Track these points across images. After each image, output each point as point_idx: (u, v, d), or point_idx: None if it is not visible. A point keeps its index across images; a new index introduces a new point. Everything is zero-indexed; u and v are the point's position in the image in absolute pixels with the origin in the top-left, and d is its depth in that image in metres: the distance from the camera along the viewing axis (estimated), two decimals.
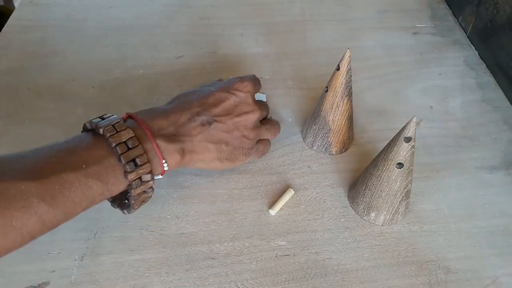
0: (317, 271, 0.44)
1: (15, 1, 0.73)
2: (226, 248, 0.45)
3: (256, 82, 0.50)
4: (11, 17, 0.68)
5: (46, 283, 0.42)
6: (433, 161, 0.53)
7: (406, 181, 0.43)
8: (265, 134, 0.50)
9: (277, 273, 0.43)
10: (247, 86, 0.48)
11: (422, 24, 0.71)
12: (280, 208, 0.48)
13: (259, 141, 0.50)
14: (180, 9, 0.72)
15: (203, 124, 0.44)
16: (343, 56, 0.46)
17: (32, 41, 0.65)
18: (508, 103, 0.60)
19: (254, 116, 0.47)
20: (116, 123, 0.38)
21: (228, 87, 0.47)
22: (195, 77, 0.61)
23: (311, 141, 0.53)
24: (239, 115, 0.46)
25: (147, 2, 0.73)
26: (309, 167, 0.52)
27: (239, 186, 0.50)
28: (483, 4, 0.65)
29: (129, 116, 0.42)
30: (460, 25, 0.71)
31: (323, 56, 0.65)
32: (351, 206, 0.49)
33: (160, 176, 0.42)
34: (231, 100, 0.46)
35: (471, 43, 0.68)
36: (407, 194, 0.45)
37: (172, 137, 0.42)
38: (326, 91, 0.49)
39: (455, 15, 0.73)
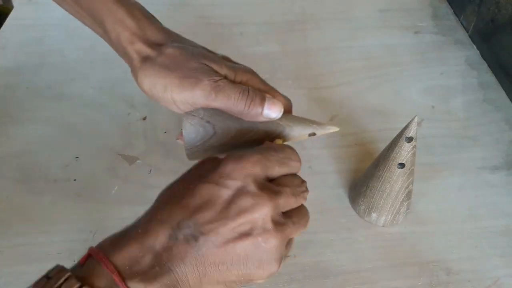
0: (318, 272, 0.43)
1: (14, 0, 0.72)
2: None
3: (268, 153, 0.34)
4: (10, 16, 0.68)
5: None
6: (434, 161, 0.53)
7: (408, 182, 0.43)
8: (291, 231, 0.33)
9: (278, 274, 0.43)
10: (246, 167, 0.32)
11: (423, 24, 0.71)
12: None
13: (291, 214, 0.34)
14: (180, 7, 0.72)
15: (187, 241, 0.30)
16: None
17: (31, 40, 0.64)
18: (510, 103, 0.60)
19: (262, 211, 0.31)
20: (65, 281, 0.28)
21: (219, 173, 0.32)
22: None
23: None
24: (237, 215, 0.30)
25: (147, 1, 0.73)
26: (309, 167, 0.52)
27: None
28: (485, 3, 0.65)
29: (90, 255, 0.30)
30: (462, 24, 0.71)
31: (323, 55, 0.65)
32: (352, 206, 0.48)
33: None
34: (220, 196, 0.31)
35: (473, 42, 0.68)
36: (408, 195, 0.45)
37: (152, 272, 0.29)
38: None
39: (457, 14, 0.73)
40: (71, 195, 0.48)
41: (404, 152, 0.41)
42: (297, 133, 0.41)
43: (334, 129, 0.41)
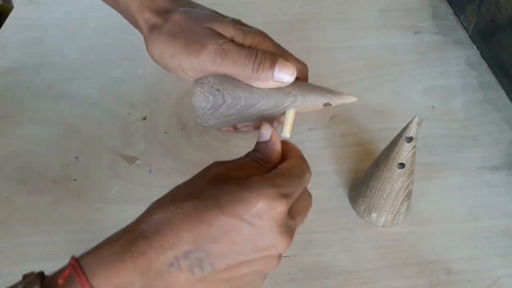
0: (318, 272, 0.43)
1: (14, 0, 0.72)
2: None
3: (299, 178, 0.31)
4: (10, 16, 0.68)
5: None
6: (434, 161, 0.53)
7: (408, 182, 0.43)
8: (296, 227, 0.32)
9: (278, 274, 0.43)
10: (277, 209, 0.28)
11: (423, 24, 0.71)
12: None
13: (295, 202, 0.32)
14: None
15: (190, 270, 0.28)
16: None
17: (31, 40, 0.64)
18: (510, 103, 0.60)
19: (277, 251, 0.30)
20: None
21: (246, 208, 0.28)
22: None
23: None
24: (253, 253, 0.29)
25: None
26: None
27: None
28: (485, 3, 0.65)
29: (73, 266, 0.27)
30: (462, 24, 0.71)
31: (323, 55, 0.65)
32: (352, 206, 0.48)
33: None
34: (243, 233, 0.28)
35: (473, 42, 0.68)
36: (408, 195, 0.45)
37: None
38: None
39: (457, 14, 0.73)
40: (71, 195, 0.48)
41: (404, 152, 0.41)
42: (310, 103, 0.38)
43: (351, 98, 0.39)
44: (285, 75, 0.36)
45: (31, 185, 0.49)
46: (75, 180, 0.50)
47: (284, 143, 0.34)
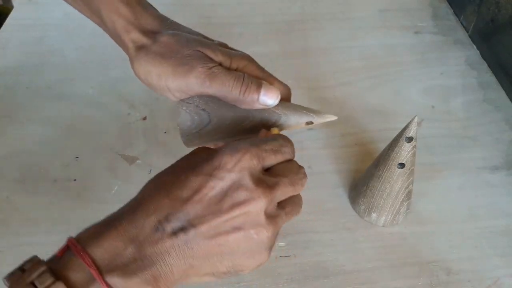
0: (318, 272, 0.43)
1: (14, 0, 0.72)
2: None
3: (263, 144, 0.33)
4: (10, 16, 0.68)
5: None
6: (434, 161, 0.53)
7: (408, 182, 0.43)
8: (284, 221, 0.33)
9: (277, 274, 0.43)
10: (243, 159, 0.31)
11: (423, 24, 0.71)
12: None
13: (284, 202, 0.33)
14: (180, 7, 0.72)
15: (174, 233, 0.29)
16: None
17: (31, 40, 0.64)
18: (510, 103, 0.60)
19: (256, 206, 0.30)
20: (38, 276, 0.27)
21: (213, 165, 0.31)
22: None
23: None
24: (231, 208, 0.30)
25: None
26: (309, 167, 0.51)
27: None
28: (485, 3, 0.65)
29: (69, 247, 0.29)
30: (462, 24, 0.71)
31: (323, 55, 0.65)
32: (352, 206, 0.48)
33: None
34: (214, 187, 0.30)
35: (473, 42, 0.68)
36: (408, 195, 0.45)
37: (133, 265, 0.28)
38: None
39: (457, 14, 0.73)
40: (71, 195, 0.48)
41: (404, 152, 0.41)
42: (293, 122, 0.40)
43: (331, 117, 0.40)
44: (269, 98, 0.37)
45: (31, 185, 0.49)
46: (75, 180, 0.50)
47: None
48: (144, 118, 0.56)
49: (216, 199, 0.30)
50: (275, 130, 0.39)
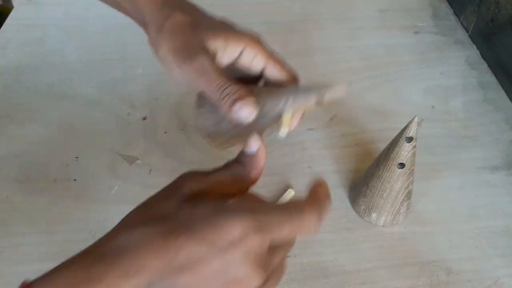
0: (318, 272, 0.43)
1: (14, 0, 0.72)
2: None
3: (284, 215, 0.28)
4: (10, 16, 0.68)
5: None
6: (434, 161, 0.53)
7: (408, 182, 0.43)
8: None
9: None
10: (249, 237, 0.26)
11: (423, 24, 0.71)
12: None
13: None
14: None
15: None
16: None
17: (31, 40, 0.64)
18: (509, 103, 0.60)
19: (249, 285, 0.27)
20: None
21: (220, 234, 0.26)
22: None
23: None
24: (223, 286, 0.26)
25: None
26: (309, 167, 0.52)
27: None
28: (485, 3, 0.65)
29: None
30: (462, 24, 0.71)
31: (323, 55, 0.65)
32: (352, 206, 0.48)
33: None
34: (212, 263, 0.25)
35: (473, 42, 0.68)
36: (408, 195, 0.45)
37: None
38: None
39: (457, 14, 0.73)
40: (71, 195, 0.48)
41: (404, 152, 0.41)
42: (301, 104, 0.40)
43: (341, 88, 0.38)
44: (240, 116, 0.36)
45: (31, 185, 0.49)
46: (75, 180, 0.50)
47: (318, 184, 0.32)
48: (144, 118, 0.56)
49: (212, 275, 0.25)
50: (287, 116, 0.38)
